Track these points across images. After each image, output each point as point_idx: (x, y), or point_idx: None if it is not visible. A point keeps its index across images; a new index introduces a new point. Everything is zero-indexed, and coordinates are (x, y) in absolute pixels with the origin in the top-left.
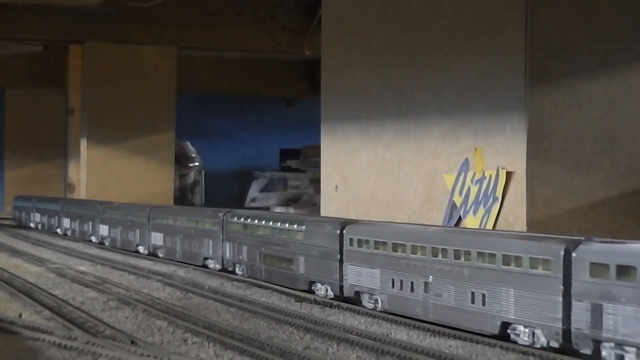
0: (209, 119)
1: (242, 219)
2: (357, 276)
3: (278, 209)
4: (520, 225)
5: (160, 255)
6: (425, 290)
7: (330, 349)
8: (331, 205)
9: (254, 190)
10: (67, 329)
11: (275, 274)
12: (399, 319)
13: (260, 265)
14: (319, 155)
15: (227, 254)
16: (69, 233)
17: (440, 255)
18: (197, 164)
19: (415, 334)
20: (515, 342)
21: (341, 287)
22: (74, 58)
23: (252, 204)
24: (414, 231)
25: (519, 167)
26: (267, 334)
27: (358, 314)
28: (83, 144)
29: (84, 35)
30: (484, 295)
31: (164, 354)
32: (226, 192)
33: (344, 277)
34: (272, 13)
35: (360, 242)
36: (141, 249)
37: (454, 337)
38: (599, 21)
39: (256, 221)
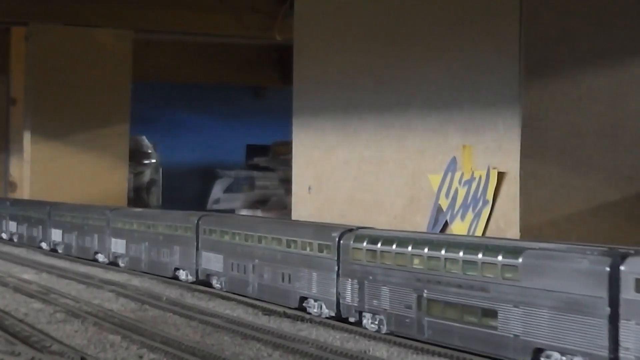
0: (167, 110)
1: (380, 244)
2: None
3: (244, 212)
4: (513, 231)
5: (217, 285)
6: None
7: None
8: (304, 208)
9: (217, 191)
10: (10, 343)
11: (456, 332)
12: (377, 334)
13: (420, 317)
14: (290, 152)
15: (347, 296)
16: (60, 249)
17: None
18: (153, 160)
19: (396, 351)
20: None
21: None
22: (16, 41)
23: (215, 206)
24: None
25: (512, 167)
26: (232, 350)
27: (332, 328)
28: (27, 137)
29: (28, 15)
30: None
31: None
32: (186, 192)
33: (623, 346)
34: None
35: None
36: (182, 274)
37: (438, 354)
38: (601, 7)
39: (410, 247)
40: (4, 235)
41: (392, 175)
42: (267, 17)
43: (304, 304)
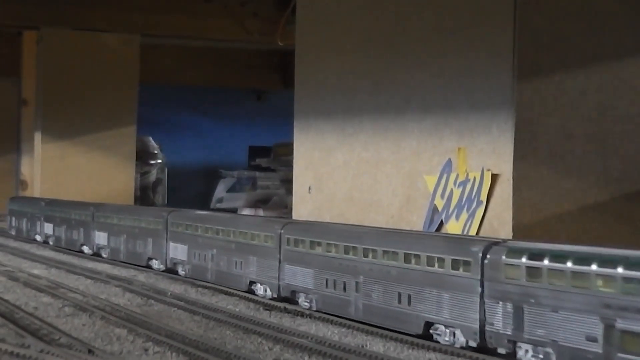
0: (173, 112)
1: (547, 260)
2: None
3: (246, 211)
4: (506, 231)
5: (304, 303)
6: None
7: None
8: (304, 207)
9: (220, 190)
10: (20, 336)
11: None
12: (374, 329)
13: (609, 353)
14: (291, 153)
15: (497, 323)
16: (104, 253)
17: None
18: (159, 160)
19: (393, 345)
20: None
21: None
22: (28, 45)
23: (219, 205)
24: None
25: (505, 168)
26: (234, 344)
27: (331, 323)
28: (37, 137)
29: (40, 20)
30: None
31: None
32: (191, 191)
33: None
34: None
35: None
36: (260, 288)
37: (433, 349)
38: (592, 13)
39: (594, 265)
40: (38, 238)
41: (389, 176)
42: (269, 23)
43: (430, 331)
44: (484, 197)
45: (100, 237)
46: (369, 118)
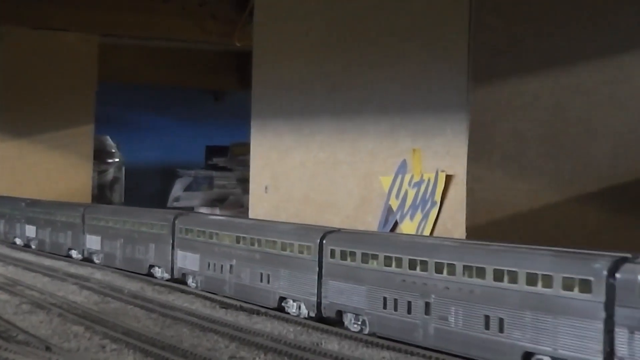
0: (130, 111)
1: None
2: None
3: (202, 210)
4: (460, 232)
5: (354, 326)
6: None
7: (258, 358)
8: (260, 207)
9: (177, 189)
10: None
11: None
12: (329, 327)
13: None
14: (247, 153)
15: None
16: (97, 258)
17: None
18: (117, 159)
19: (347, 344)
20: None
21: None
22: None
23: (175, 204)
24: None
25: (459, 170)
26: (190, 342)
27: (286, 322)
28: None
29: None
30: None
31: None
32: (148, 190)
33: None
34: (201, 0)
35: None
36: (293, 306)
37: (387, 348)
38: (547, 17)
39: None
40: (18, 241)
41: (345, 176)
42: (228, 24)
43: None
44: (438, 198)
45: (92, 241)
46: (326, 119)
